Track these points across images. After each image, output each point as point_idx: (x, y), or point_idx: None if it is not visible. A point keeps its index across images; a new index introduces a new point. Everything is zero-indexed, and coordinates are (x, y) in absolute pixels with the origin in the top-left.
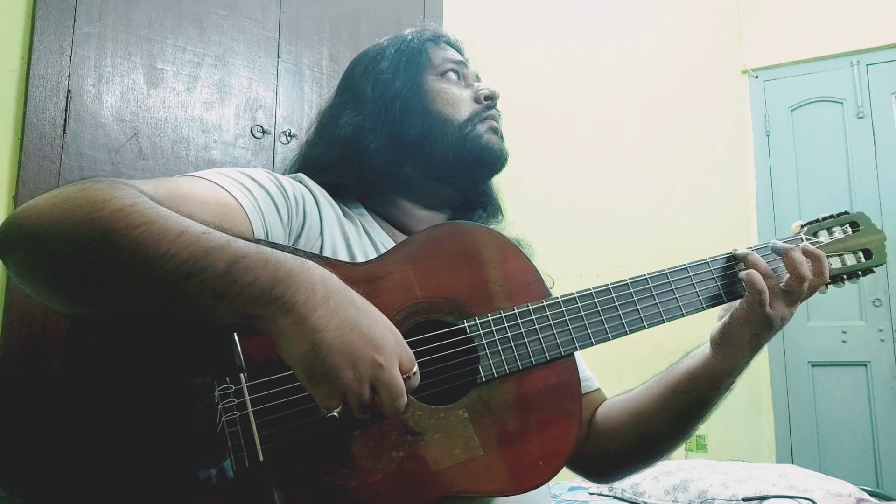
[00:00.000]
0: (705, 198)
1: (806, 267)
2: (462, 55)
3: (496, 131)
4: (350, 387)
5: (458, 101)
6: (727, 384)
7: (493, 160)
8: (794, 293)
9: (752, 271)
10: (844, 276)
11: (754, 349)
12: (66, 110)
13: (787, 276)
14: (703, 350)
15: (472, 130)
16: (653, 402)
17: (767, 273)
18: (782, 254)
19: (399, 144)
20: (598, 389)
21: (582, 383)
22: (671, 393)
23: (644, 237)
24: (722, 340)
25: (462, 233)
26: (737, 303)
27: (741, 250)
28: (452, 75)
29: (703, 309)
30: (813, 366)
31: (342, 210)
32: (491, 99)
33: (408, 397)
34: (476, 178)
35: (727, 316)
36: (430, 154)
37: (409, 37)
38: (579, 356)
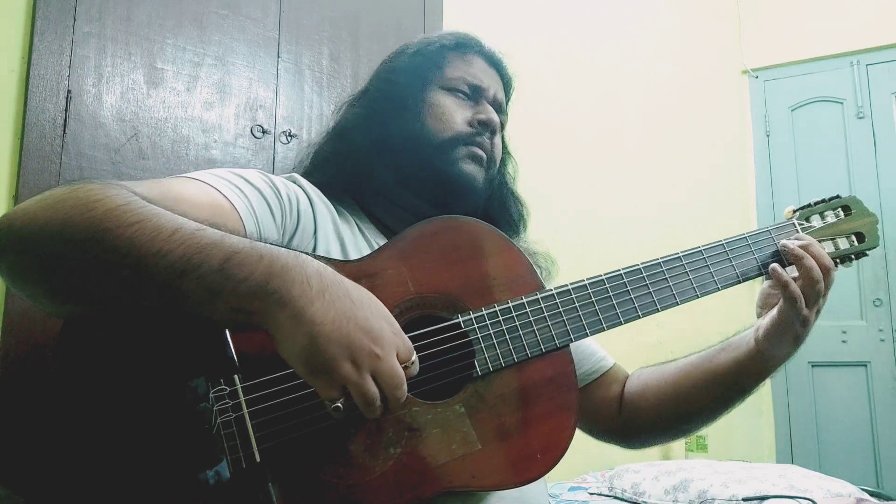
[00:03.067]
0: (705, 197)
1: (810, 258)
2: (499, 70)
3: (478, 160)
4: (350, 378)
5: (448, 118)
6: (771, 375)
7: (461, 190)
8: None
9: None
10: (838, 260)
11: (798, 345)
12: (66, 110)
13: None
14: (746, 344)
15: (450, 154)
16: (692, 389)
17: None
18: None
19: (379, 142)
20: (615, 364)
21: (598, 364)
22: (714, 383)
23: (644, 237)
24: (769, 345)
25: (454, 227)
26: (773, 305)
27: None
28: (460, 95)
29: (696, 297)
30: (813, 366)
31: (337, 210)
32: (485, 126)
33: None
34: (441, 202)
35: (767, 325)
36: (403, 161)
37: (434, 39)
38: (589, 338)
